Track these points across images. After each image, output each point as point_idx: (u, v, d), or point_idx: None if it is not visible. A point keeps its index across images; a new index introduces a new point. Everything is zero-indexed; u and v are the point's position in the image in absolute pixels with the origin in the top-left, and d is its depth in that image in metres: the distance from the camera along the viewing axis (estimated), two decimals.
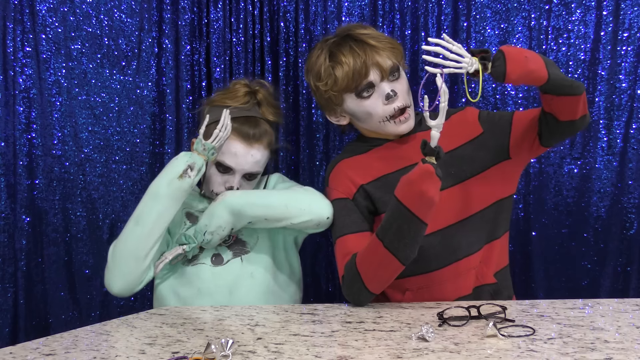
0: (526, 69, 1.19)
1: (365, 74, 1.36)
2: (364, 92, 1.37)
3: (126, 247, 1.40)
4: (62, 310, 1.80)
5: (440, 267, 1.36)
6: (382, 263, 1.26)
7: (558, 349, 0.85)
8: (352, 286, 1.30)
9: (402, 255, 1.24)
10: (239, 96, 1.52)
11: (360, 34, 1.39)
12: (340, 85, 1.38)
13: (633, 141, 1.77)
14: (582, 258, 1.81)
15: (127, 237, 1.40)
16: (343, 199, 1.41)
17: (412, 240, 1.23)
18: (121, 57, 1.85)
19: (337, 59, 1.37)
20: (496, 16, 1.83)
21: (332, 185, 1.45)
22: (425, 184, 1.18)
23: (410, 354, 0.85)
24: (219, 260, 1.46)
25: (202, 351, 0.85)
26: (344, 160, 1.47)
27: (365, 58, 1.35)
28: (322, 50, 1.41)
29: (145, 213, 1.39)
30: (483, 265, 1.39)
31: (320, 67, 1.40)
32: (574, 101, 1.26)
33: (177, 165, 1.39)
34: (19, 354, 0.90)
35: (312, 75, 1.44)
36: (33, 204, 1.77)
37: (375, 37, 1.39)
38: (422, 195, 1.19)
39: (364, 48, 1.36)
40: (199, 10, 1.89)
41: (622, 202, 1.78)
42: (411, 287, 1.37)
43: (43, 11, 1.78)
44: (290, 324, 1.09)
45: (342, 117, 1.47)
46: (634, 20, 1.77)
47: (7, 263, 1.75)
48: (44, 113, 1.79)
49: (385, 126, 1.39)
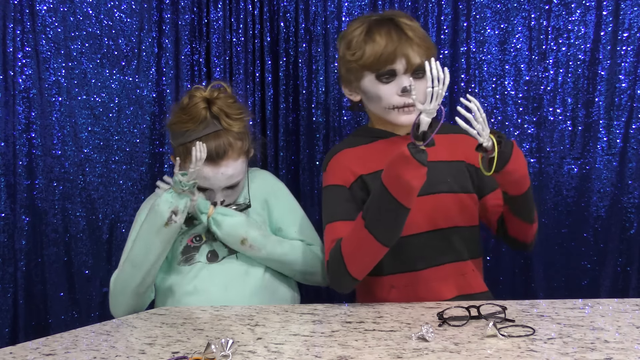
0: (521, 170, 1.26)
1: (391, 60, 1.36)
2: (384, 77, 1.38)
3: (127, 286, 1.42)
4: (61, 311, 1.80)
5: (426, 267, 1.37)
6: (364, 244, 1.26)
7: (558, 349, 0.85)
8: (335, 270, 1.30)
9: (382, 237, 1.24)
10: (198, 115, 1.44)
11: (403, 23, 1.39)
12: (365, 61, 1.38)
13: (633, 141, 1.77)
14: (582, 258, 1.81)
15: (127, 278, 1.42)
16: (339, 185, 1.41)
17: (392, 222, 1.23)
18: (121, 57, 1.85)
19: (372, 36, 1.38)
20: (496, 16, 1.83)
21: (330, 171, 1.45)
22: (401, 168, 1.18)
23: (410, 354, 0.85)
24: (214, 257, 1.46)
25: (202, 351, 0.85)
26: (346, 150, 1.46)
27: (397, 45, 1.35)
28: (363, 23, 1.42)
29: (141, 256, 1.41)
30: (477, 275, 1.40)
31: (354, 37, 1.41)
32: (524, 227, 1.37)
33: (161, 213, 1.38)
34: (19, 354, 0.90)
35: (344, 42, 1.44)
36: (33, 204, 1.77)
37: (415, 31, 1.39)
38: (398, 178, 1.19)
39: (400, 36, 1.37)
40: (199, 10, 1.89)
41: (622, 202, 1.78)
42: (397, 284, 1.37)
43: (43, 11, 1.78)
44: (290, 324, 1.09)
45: (355, 92, 1.47)
46: (634, 20, 1.77)
47: (7, 263, 1.75)
48: (44, 113, 1.79)
49: (388, 113, 1.40)
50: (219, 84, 1.53)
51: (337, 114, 1.88)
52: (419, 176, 1.19)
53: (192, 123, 1.43)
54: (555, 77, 1.81)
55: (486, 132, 1.20)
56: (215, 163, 1.42)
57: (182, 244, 1.47)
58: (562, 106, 1.81)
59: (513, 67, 1.83)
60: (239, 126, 1.46)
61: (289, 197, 1.60)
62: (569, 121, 1.81)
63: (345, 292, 1.34)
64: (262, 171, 1.64)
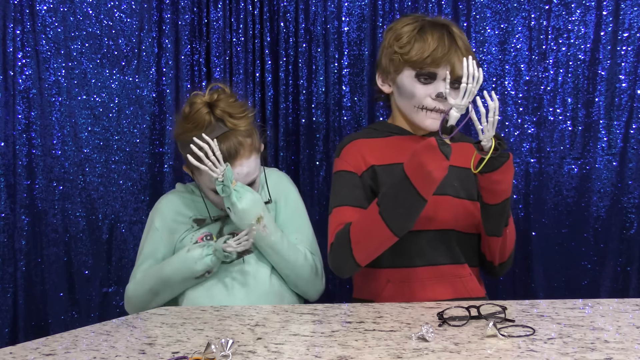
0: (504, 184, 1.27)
1: (437, 64, 1.37)
2: (423, 77, 1.39)
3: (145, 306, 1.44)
4: (61, 311, 1.80)
5: (423, 264, 1.37)
6: (375, 231, 1.27)
7: (558, 349, 0.85)
8: (339, 253, 1.31)
9: (395, 225, 1.25)
10: (201, 121, 1.41)
11: (456, 32, 1.41)
12: (410, 56, 1.39)
13: (633, 141, 1.77)
14: (582, 258, 1.81)
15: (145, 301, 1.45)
16: (351, 172, 1.42)
17: (407, 211, 1.24)
18: (121, 57, 1.85)
19: (425, 35, 1.39)
20: (496, 16, 1.83)
21: (343, 157, 1.46)
22: (425, 156, 1.20)
23: (410, 354, 0.85)
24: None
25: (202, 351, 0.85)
26: (361, 139, 1.47)
27: (446, 52, 1.37)
28: (417, 21, 1.43)
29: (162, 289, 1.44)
30: (474, 279, 1.40)
31: (406, 31, 1.42)
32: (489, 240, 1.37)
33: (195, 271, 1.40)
34: (19, 354, 0.90)
35: (393, 34, 1.44)
36: (33, 204, 1.77)
37: (465, 42, 1.41)
38: (421, 167, 1.20)
39: (451, 44, 1.38)
40: (199, 10, 1.89)
41: (622, 202, 1.78)
42: (393, 279, 1.38)
43: (43, 11, 1.78)
44: (290, 324, 1.09)
45: (388, 84, 1.47)
46: (634, 20, 1.77)
47: (7, 263, 1.75)
48: (44, 113, 1.79)
49: (416, 113, 1.41)
50: (217, 85, 1.51)
51: (337, 114, 1.88)
52: (441, 168, 1.20)
53: (198, 130, 1.41)
54: (555, 77, 1.81)
55: (490, 133, 1.20)
56: (230, 164, 1.40)
57: (193, 241, 1.47)
58: (562, 106, 1.81)
59: (513, 67, 1.83)
60: (244, 124, 1.44)
61: (299, 203, 1.58)
62: (569, 121, 1.81)
63: (344, 277, 1.36)
64: (279, 172, 1.64)
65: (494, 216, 1.32)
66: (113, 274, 1.85)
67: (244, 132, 1.44)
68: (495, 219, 1.32)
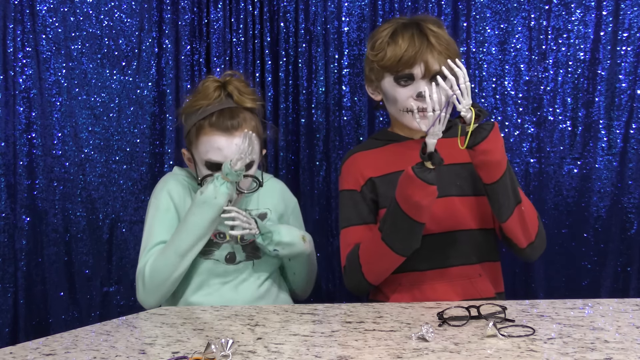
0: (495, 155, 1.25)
1: (410, 64, 1.37)
2: (402, 80, 1.39)
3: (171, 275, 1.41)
4: (61, 311, 1.80)
5: (432, 268, 1.37)
6: (380, 254, 1.31)
7: (558, 349, 0.85)
8: (352, 276, 1.36)
9: (398, 248, 1.29)
10: (210, 93, 1.46)
11: (427, 28, 1.40)
12: (385, 63, 1.40)
13: (633, 141, 1.77)
14: (582, 258, 1.81)
15: (169, 267, 1.40)
16: (351, 190, 1.44)
17: (407, 235, 1.28)
18: (121, 57, 1.85)
19: (396, 38, 1.40)
20: (496, 16, 1.83)
21: (343, 175, 1.49)
22: (409, 188, 1.23)
23: (410, 354, 0.85)
24: (231, 259, 1.47)
25: (202, 351, 0.85)
26: (359, 153, 1.49)
27: (417, 51, 1.37)
28: (391, 25, 1.44)
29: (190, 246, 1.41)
30: (484, 279, 1.39)
31: (380, 38, 1.43)
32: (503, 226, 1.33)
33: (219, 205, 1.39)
34: (19, 354, 0.90)
35: (370, 42, 1.46)
36: (33, 204, 1.77)
37: (438, 37, 1.39)
38: (407, 198, 1.23)
39: (422, 41, 1.38)
40: (199, 10, 1.89)
41: (622, 202, 1.78)
42: (404, 282, 1.38)
43: (43, 11, 1.78)
44: (290, 324, 1.09)
45: (377, 92, 1.49)
46: (634, 20, 1.77)
47: (7, 263, 1.75)
48: (44, 113, 1.79)
49: (403, 116, 1.42)
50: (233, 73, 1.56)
51: (337, 114, 1.88)
52: (426, 195, 1.22)
53: (206, 100, 1.44)
54: (555, 77, 1.81)
55: (467, 101, 1.20)
56: (229, 134, 1.42)
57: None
58: (562, 106, 1.81)
59: (513, 67, 1.83)
60: (251, 104, 1.48)
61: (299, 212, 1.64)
62: (569, 121, 1.81)
63: (360, 295, 1.42)
64: (279, 182, 1.63)
65: (499, 196, 1.29)
66: (113, 274, 1.85)
67: (250, 113, 1.47)
68: (502, 199, 1.29)
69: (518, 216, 1.31)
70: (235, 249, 1.47)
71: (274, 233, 1.42)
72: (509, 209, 1.30)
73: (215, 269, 1.46)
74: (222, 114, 1.43)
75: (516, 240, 1.35)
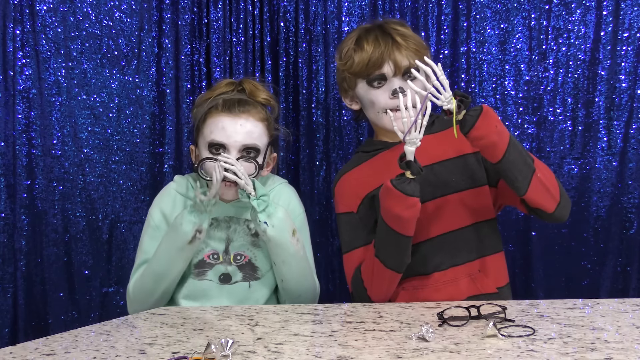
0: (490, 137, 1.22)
1: (379, 65, 1.37)
2: (375, 82, 1.39)
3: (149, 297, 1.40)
4: (61, 311, 1.80)
5: (435, 270, 1.37)
6: (377, 271, 1.30)
7: (558, 349, 0.85)
8: (360, 299, 1.35)
9: (390, 263, 1.28)
10: (222, 86, 1.46)
11: (390, 28, 1.40)
12: (354, 69, 1.40)
13: (633, 141, 1.77)
14: (582, 258, 1.81)
15: (149, 290, 1.40)
16: (348, 213, 1.42)
17: (396, 250, 1.27)
18: (121, 57, 1.85)
19: (361, 44, 1.40)
20: (496, 16, 1.83)
21: (337, 198, 1.47)
22: (388, 201, 1.22)
23: (410, 354, 0.85)
24: (226, 279, 1.44)
25: (202, 351, 0.85)
26: (348, 173, 1.46)
27: (384, 50, 1.37)
28: (355, 33, 1.44)
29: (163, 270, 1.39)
30: (483, 275, 1.39)
31: (345, 47, 1.43)
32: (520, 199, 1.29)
33: (185, 233, 1.36)
34: (19, 354, 0.90)
35: (338, 54, 1.47)
36: (33, 204, 1.77)
37: (403, 35, 1.39)
38: (388, 211, 1.22)
39: (387, 41, 1.38)
40: (199, 10, 1.89)
41: (622, 202, 1.78)
42: (407, 287, 1.38)
43: (43, 11, 1.78)
44: (290, 324, 1.09)
45: (354, 102, 1.48)
46: (634, 20, 1.77)
47: (7, 263, 1.75)
48: (44, 113, 1.78)
49: (382, 118, 1.40)
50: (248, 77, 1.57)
51: (337, 114, 1.88)
52: (407, 207, 1.20)
53: (218, 91, 1.44)
54: (555, 77, 1.81)
55: (446, 95, 1.19)
56: (235, 114, 1.38)
57: (199, 257, 1.44)
58: (562, 106, 1.81)
59: (513, 67, 1.83)
60: (265, 96, 1.46)
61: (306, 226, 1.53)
62: (569, 121, 1.81)
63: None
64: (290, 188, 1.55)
65: (509, 172, 1.25)
66: (113, 274, 1.85)
67: (262, 106, 1.45)
68: (514, 174, 1.25)
69: (537, 185, 1.27)
70: (229, 270, 1.44)
71: (270, 205, 1.36)
72: (525, 181, 1.26)
73: (209, 291, 1.43)
74: (231, 100, 1.41)
75: (544, 208, 1.30)
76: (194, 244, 1.37)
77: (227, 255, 1.44)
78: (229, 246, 1.44)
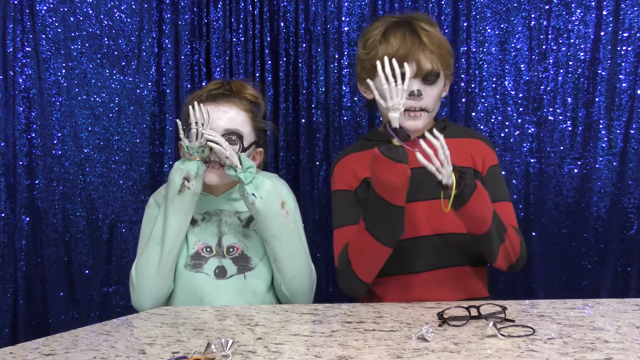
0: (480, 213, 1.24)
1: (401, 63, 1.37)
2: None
3: (151, 268, 1.39)
4: (61, 311, 1.80)
5: (425, 270, 1.37)
6: (367, 247, 1.27)
7: (558, 349, 0.85)
8: (344, 275, 1.32)
9: (382, 237, 1.26)
10: (211, 85, 1.49)
11: (419, 27, 1.39)
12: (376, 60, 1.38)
13: (633, 141, 1.77)
14: (582, 258, 1.81)
15: (150, 259, 1.39)
16: (345, 190, 1.43)
17: (388, 221, 1.24)
18: (121, 57, 1.85)
19: (387, 37, 1.39)
20: (496, 16, 1.83)
21: (336, 175, 1.47)
22: (376, 168, 1.21)
23: (410, 354, 0.85)
24: (222, 274, 1.43)
25: (202, 351, 0.85)
26: (351, 155, 1.48)
27: (409, 49, 1.36)
28: (382, 24, 1.43)
29: (161, 233, 1.38)
30: (476, 280, 1.39)
31: (371, 37, 1.42)
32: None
33: (173, 182, 1.36)
34: (19, 354, 0.90)
35: (362, 41, 1.45)
36: (33, 204, 1.77)
37: (431, 36, 1.39)
38: (378, 179, 1.21)
39: (413, 40, 1.37)
40: (199, 10, 1.89)
41: (622, 202, 1.78)
42: (396, 285, 1.38)
43: (43, 11, 1.78)
44: (290, 324, 1.09)
45: (369, 91, 1.48)
46: (634, 20, 1.77)
47: (7, 263, 1.75)
48: (44, 113, 1.79)
49: None
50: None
51: (337, 114, 1.88)
52: (396, 173, 1.19)
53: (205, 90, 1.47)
54: (555, 77, 1.81)
55: (447, 170, 1.19)
56: (217, 103, 1.42)
57: (194, 249, 1.44)
58: (562, 106, 1.81)
59: (513, 67, 1.83)
60: (251, 91, 1.48)
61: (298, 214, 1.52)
62: (569, 121, 1.81)
63: (357, 296, 1.36)
64: (278, 178, 1.56)
65: (486, 243, 1.29)
66: (113, 274, 1.85)
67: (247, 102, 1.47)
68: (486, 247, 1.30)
69: (503, 253, 1.32)
70: (224, 263, 1.43)
71: (257, 177, 1.36)
72: (495, 251, 1.31)
73: (206, 285, 1.42)
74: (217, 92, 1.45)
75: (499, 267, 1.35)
76: (184, 194, 1.36)
77: (220, 248, 1.44)
78: (222, 239, 1.45)
